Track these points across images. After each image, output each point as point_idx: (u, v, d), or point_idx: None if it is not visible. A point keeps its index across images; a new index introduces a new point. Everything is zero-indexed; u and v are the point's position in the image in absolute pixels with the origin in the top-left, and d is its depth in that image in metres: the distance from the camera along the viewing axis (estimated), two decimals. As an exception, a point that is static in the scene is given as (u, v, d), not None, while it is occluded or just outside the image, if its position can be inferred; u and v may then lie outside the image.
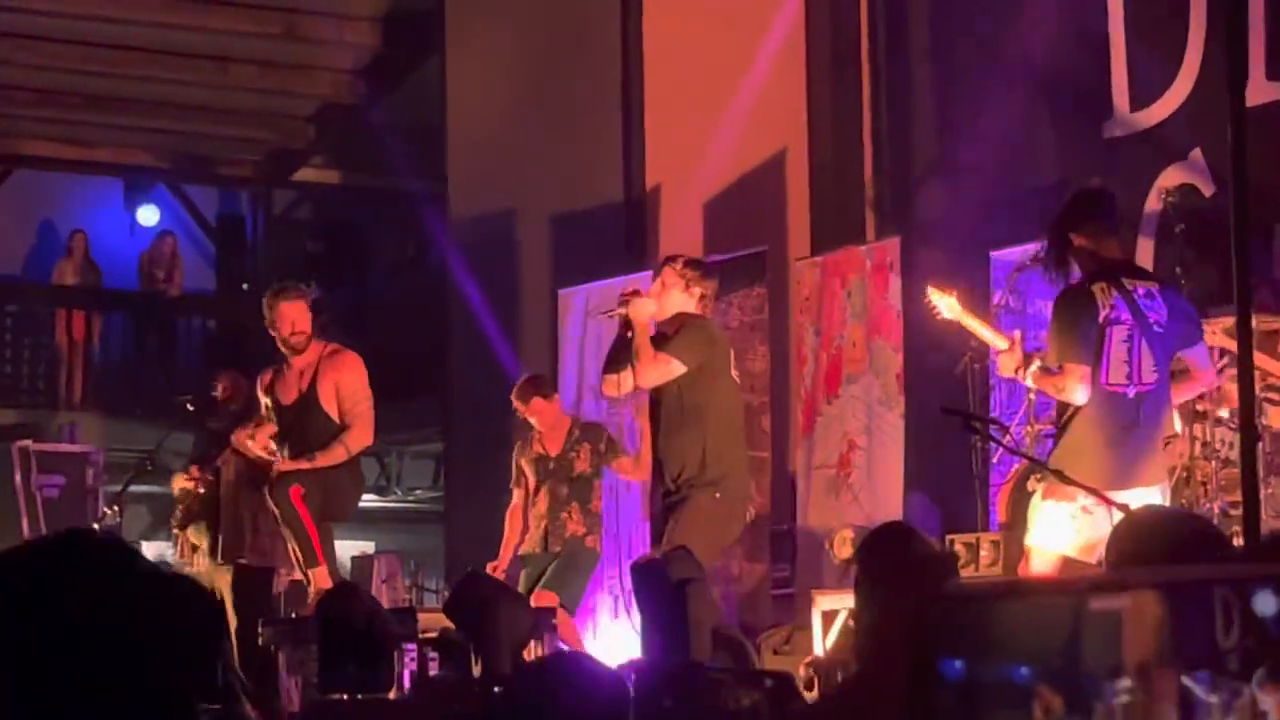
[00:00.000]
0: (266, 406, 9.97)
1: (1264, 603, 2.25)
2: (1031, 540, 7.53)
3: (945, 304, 7.96)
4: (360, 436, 9.92)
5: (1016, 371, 7.65)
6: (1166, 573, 3.04)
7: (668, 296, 8.56)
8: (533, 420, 10.71)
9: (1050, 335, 7.63)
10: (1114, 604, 2.27)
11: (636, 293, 8.64)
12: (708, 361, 8.44)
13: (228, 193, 21.14)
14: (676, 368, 8.40)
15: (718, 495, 8.32)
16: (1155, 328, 7.62)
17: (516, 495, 10.79)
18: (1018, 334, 7.82)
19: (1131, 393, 7.59)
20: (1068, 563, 7.50)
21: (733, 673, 6.04)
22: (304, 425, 9.79)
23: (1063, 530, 7.47)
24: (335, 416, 9.80)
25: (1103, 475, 7.55)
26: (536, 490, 10.62)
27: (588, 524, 10.55)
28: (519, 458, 10.79)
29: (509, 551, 10.79)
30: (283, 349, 9.87)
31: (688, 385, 8.43)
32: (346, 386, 9.80)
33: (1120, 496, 7.35)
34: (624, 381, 8.57)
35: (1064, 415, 7.59)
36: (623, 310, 8.57)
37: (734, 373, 8.72)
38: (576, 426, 10.85)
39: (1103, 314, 7.57)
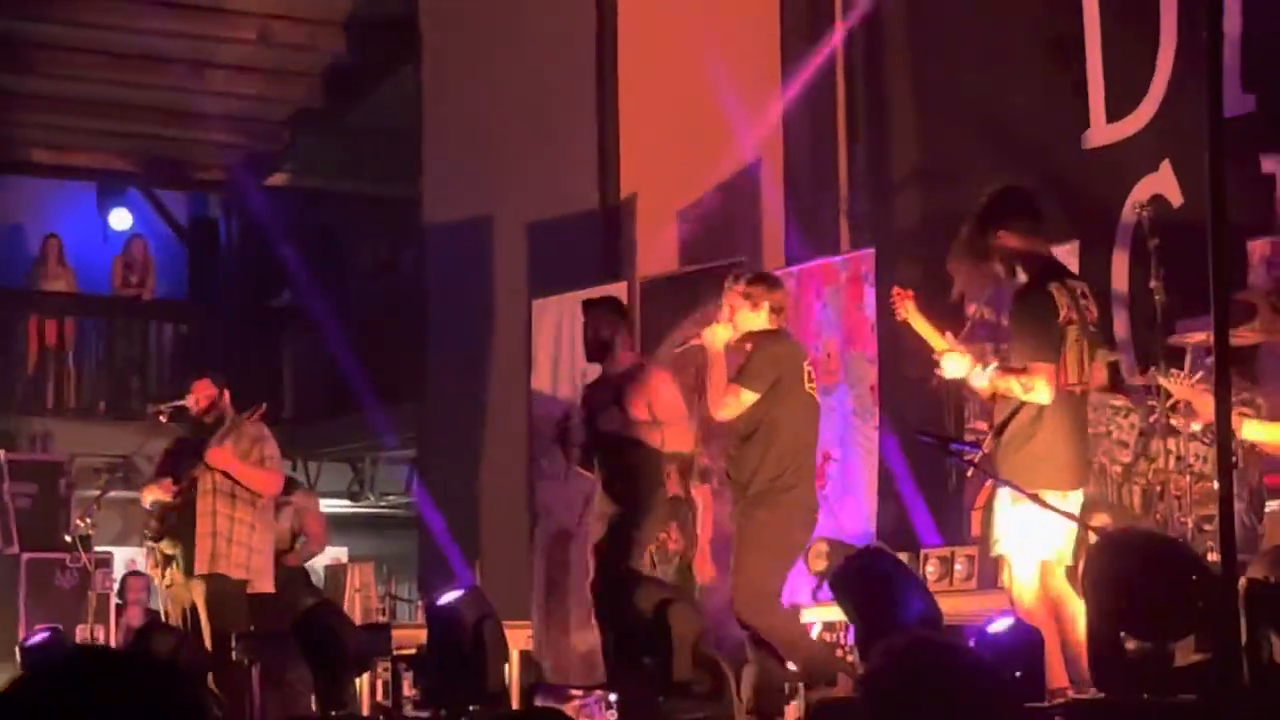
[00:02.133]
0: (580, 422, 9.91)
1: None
2: (1004, 550, 7.54)
3: (905, 305, 8.10)
4: (676, 443, 9.72)
5: (969, 372, 7.68)
6: None
7: (738, 319, 8.65)
8: None
9: (1015, 335, 7.68)
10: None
11: (709, 324, 8.75)
12: (778, 376, 8.52)
13: (200, 197, 21.07)
14: (746, 397, 8.55)
15: (779, 508, 8.39)
16: (1090, 327, 7.81)
17: None
18: (950, 335, 7.94)
19: (1079, 391, 7.72)
20: (1045, 567, 7.57)
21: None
22: (618, 440, 9.59)
23: (1045, 530, 7.50)
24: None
25: (1068, 476, 7.65)
26: None
27: (687, 540, 10.42)
28: None
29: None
30: (592, 355, 9.87)
31: (760, 400, 8.51)
32: (659, 400, 9.61)
33: (1074, 496, 7.48)
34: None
35: (1012, 416, 7.59)
36: (698, 341, 8.66)
37: (809, 386, 8.73)
38: None
39: (1062, 314, 7.67)
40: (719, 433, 9.88)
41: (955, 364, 7.70)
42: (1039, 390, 7.52)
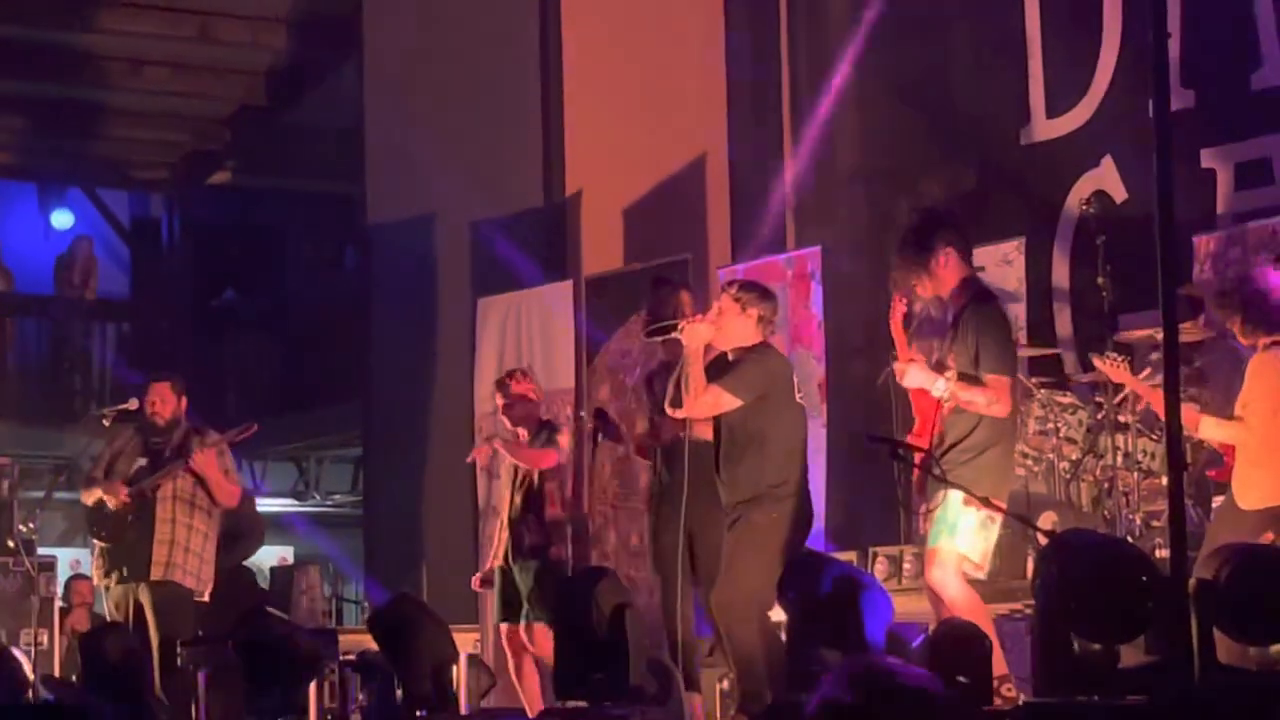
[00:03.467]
0: None
1: None
2: (944, 543, 7.63)
3: (897, 312, 8.13)
4: None
5: (930, 383, 7.72)
6: None
7: (725, 322, 8.51)
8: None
9: (986, 346, 7.71)
10: None
11: (692, 319, 8.60)
12: (768, 391, 8.39)
13: (142, 196, 20.95)
14: (727, 400, 8.36)
15: (774, 515, 8.27)
16: None
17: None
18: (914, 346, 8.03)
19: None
20: (969, 565, 7.72)
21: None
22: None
23: (975, 537, 7.70)
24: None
25: (1005, 489, 7.81)
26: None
27: (545, 533, 10.33)
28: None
29: (486, 561, 10.70)
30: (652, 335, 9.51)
31: (750, 413, 8.37)
32: None
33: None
34: (679, 410, 8.56)
35: (972, 430, 7.68)
36: (677, 335, 8.53)
37: (799, 396, 8.62)
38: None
39: (1014, 335, 7.84)
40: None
41: (917, 375, 7.77)
42: (1002, 403, 7.67)
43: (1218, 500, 8.54)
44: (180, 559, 10.49)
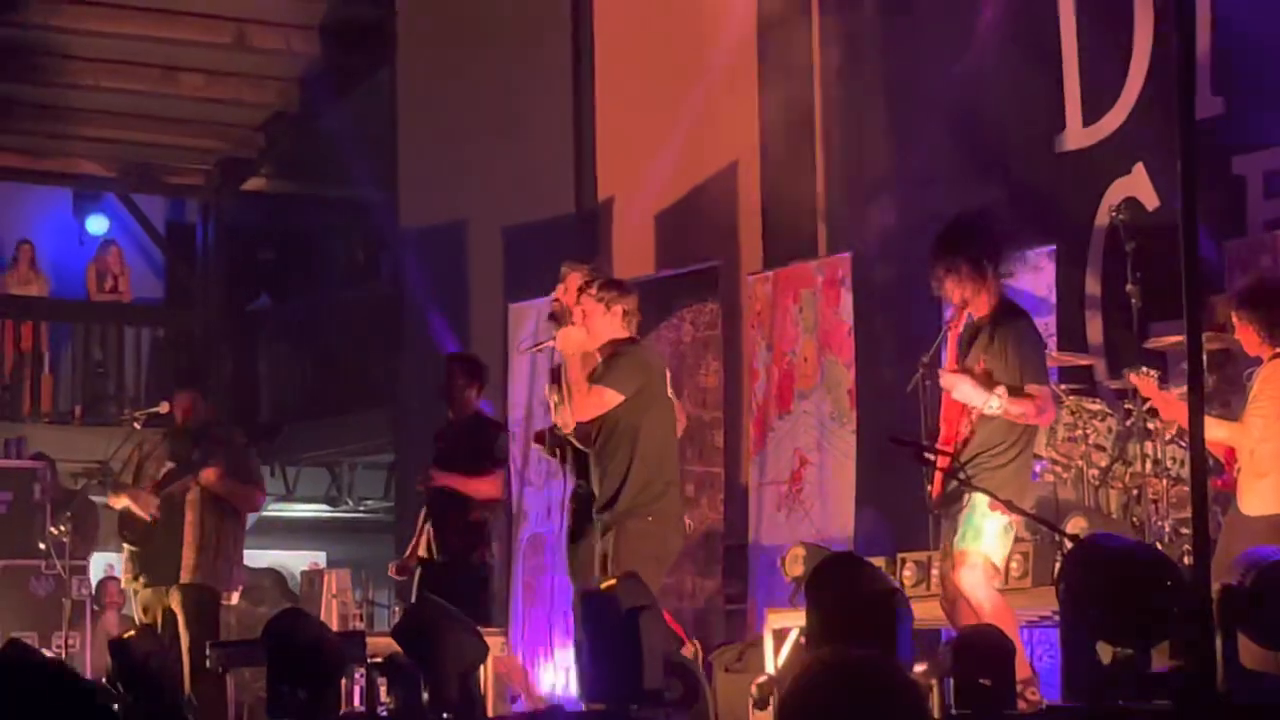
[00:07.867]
0: None
1: None
2: (972, 545, 7.70)
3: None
4: None
5: (981, 400, 7.77)
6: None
7: (593, 323, 8.56)
8: None
9: (1027, 358, 7.81)
10: None
11: (562, 326, 8.64)
12: (644, 385, 8.45)
13: (178, 202, 21.01)
14: (611, 398, 8.42)
15: (650, 519, 8.32)
16: None
17: None
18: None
19: None
20: (992, 569, 7.83)
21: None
22: None
23: (999, 541, 7.84)
24: None
25: (1028, 493, 7.90)
26: None
27: (467, 534, 10.53)
28: None
29: (410, 552, 10.89)
30: None
31: (627, 408, 8.44)
32: None
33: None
34: (566, 416, 8.58)
35: (1004, 438, 7.76)
36: (551, 344, 8.61)
37: (670, 393, 8.67)
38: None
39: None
40: None
41: (968, 390, 7.83)
42: (1047, 413, 7.85)
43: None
44: (209, 560, 10.57)
